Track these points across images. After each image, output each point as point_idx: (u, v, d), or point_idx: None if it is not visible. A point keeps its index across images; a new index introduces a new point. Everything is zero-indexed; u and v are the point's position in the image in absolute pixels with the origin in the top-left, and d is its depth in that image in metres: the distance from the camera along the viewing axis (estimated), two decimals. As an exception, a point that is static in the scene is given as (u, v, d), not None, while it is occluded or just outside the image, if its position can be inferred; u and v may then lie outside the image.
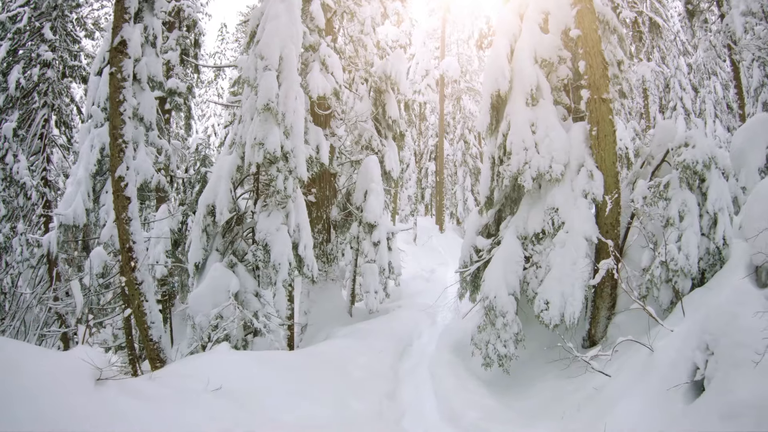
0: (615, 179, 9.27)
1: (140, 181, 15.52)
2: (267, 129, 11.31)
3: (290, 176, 11.31)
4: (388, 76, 15.96)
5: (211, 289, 11.07)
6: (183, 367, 7.19)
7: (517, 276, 9.20)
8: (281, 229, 11.26)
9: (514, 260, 9.21)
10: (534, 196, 9.76)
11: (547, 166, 9.24)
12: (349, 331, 11.54)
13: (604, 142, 9.27)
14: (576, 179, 9.23)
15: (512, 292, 9.16)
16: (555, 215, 9.14)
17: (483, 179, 10.26)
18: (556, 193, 9.25)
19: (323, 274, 14.93)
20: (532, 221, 9.45)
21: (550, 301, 8.83)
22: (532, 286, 9.37)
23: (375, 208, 13.75)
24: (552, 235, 9.17)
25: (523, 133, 9.43)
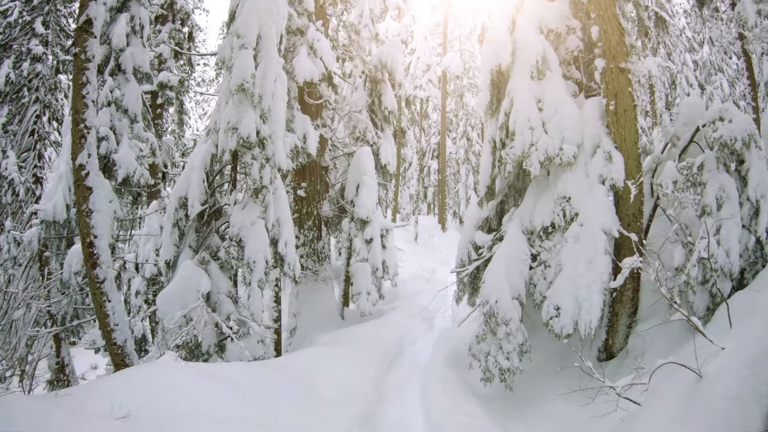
0: (637, 161, 7.47)
1: (122, 175, 13.91)
2: (241, 112, 9.66)
3: (267, 165, 9.64)
4: (384, 65, 14.23)
5: (180, 289, 9.41)
6: (102, 384, 5.57)
7: (522, 277, 7.42)
8: (257, 224, 9.58)
9: (518, 258, 7.43)
10: (542, 184, 7.99)
11: (557, 147, 7.47)
12: (333, 337, 9.82)
13: (624, 118, 7.47)
14: (591, 163, 7.45)
15: (517, 296, 7.38)
16: (567, 205, 7.37)
17: (483, 167, 8.49)
18: (568, 180, 7.48)
19: (314, 274, 13.23)
20: (539, 213, 7.67)
21: (562, 306, 7.05)
22: (539, 289, 7.60)
23: (367, 203, 12.04)
24: (563, 229, 7.40)
25: (528, 110, 7.67)
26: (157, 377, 5.90)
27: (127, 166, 14.06)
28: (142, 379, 5.81)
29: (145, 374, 6.01)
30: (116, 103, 14.48)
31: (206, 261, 9.91)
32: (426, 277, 18.03)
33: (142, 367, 6.46)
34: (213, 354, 9.63)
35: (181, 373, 6.05)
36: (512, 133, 7.69)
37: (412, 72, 22.42)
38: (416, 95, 22.50)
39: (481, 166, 8.58)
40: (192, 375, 6.02)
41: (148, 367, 6.44)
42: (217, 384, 5.93)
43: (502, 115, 8.09)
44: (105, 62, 14.75)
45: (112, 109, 14.52)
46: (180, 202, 10.14)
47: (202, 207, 10.03)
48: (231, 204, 9.86)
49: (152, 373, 6.04)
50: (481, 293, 7.48)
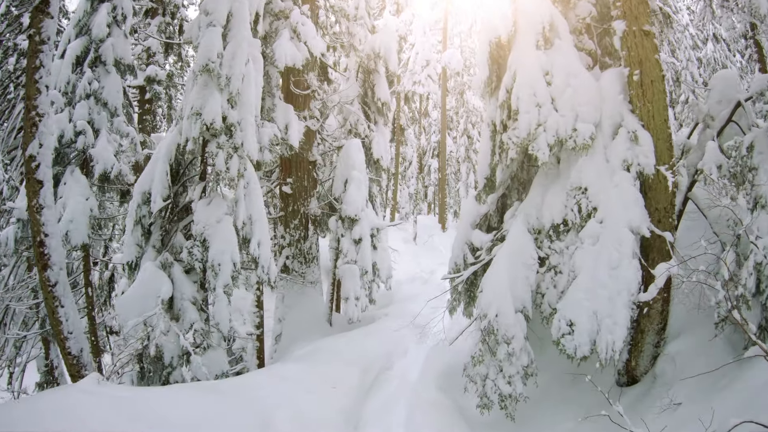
0: (668, 143, 5.81)
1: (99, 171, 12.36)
2: (206, 95, 8.11)
3: (235, 154, 8.07)
4: (377, 54, 12.62)
5: (139, 294, 7.91)
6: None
7: (527, 285, 5.78)
8: (224, 221, 8.02)
9: (523, 262, 5.79)
10: (551, 174, 6.35)
11: (570, 127, 5.85)
12: (312, 349, 8.22)
13: (651, 91, 5.82)
14: (612, 145, 5.81)
15: (521, 308, 5.74)
16: (583, 198, 5.74)
17: (481, 154, 6.86)
18: (584, 167, 5.84)
19: (300, 276, 11.64)
20: (548, 208, 6.03)
21: (576, 322, 5.42)
22: (548, 299, 5.97)
23: (356, 200, 10.45)
24: (578, 227, 5.77)
25: (535, 83, 6.04)
26: (63, 410, 4.36)
27: (104, 162, 12.47)
28: (46, 411, 4.28)
29: (52, 405, 4.46)
30: (95, 95, 12.94)
31: (169, 263, 8.36)
32: (424, 278, 16.39)
33: (50, 394, 4.92)
34: (177, 367, 8.11)
35: (96, 402, 4.50)
36: (515, 111, 6.06)
37: (411, 68, 20.86)
38: (415, 91, 20.92)
39: (479, 154, 6.95)
40: (108, 406, 4.46)
41: (57, 394, 4.90)
42: (140, 424, 4.38)
43: (502, 93, 6.46)
44: (84, 54, 13.19)
45: (91, 102, 12.99)
46: (143, 197, 8.61)
47: (165, 202, 8.48)
48: (195, 199, 8.30)
49: (59, 404, 4.49)
50: (479, 304, 5.85)
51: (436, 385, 6.64)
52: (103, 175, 12.43)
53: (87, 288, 12.46)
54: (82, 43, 12.87)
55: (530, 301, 5.79)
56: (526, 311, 5.76)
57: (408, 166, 25.93)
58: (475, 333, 6.04)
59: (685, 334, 5.97)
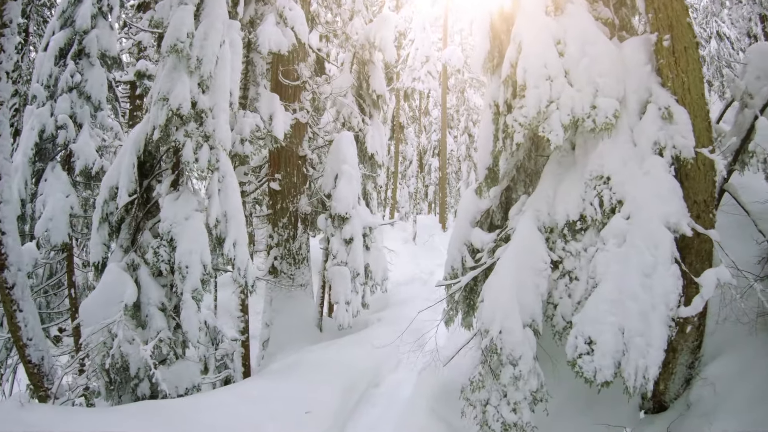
0: (706, 122, 4.61)
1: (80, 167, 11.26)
2: (174, 79, 7.02)
3: (205, 143, 6.95)
4: (372, 44, 11.47)
5: (102, 298, 6.97)
6: None
7: (538, 294, 4.59)
8: (193, 218, 6.92)
9: (533, 267, 4.60)
10: (565, 162, 5.17)
11: (588, 104, 4.68)
12: (292, 361, 7.06)
13: (684, 59, 4.63)
14: (640, 125, 4.63)
15: (530, 322, 4.56)
16: (605, 189, 4.56)
17: (481, 141, 5.69)
18: (606, 152, 4.67)
19: (289, 278, 10.50)
20: (562, 202, 4.85)
21: (597, 340, 4.25)
22: (562, 311, 4.80)
23: (347, 196, 9.31)
24: (599, 225, 4.60)
25: (545, 53, 4.87)
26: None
27: (86, 157, 11.37)
28: None
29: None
30: (78, 88, 11.83)
31: (135, 265, 7.27)
32: (423, 279, 15.24)
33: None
34: (144, 378, 7.04)
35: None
36: (522, 87, 4.89)
37: (410, 64, 19.71)
38: (415, 88, 19.78)
39: (479, 141, 5.78)
40: None
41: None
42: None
43: (506, 67, 5.28)
44: (68, 46, 12.08)
45: (73, 96, 11.89)
46: (110, 192, 7.52)
47: (131, 197, 7.39)
48: (163, 194, 7.18)
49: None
50: (479, 317, 4.66)
51: (429, 408, 5.49)
52: (85, 171, 11.31)
53: (70, 290, 11.40)
54: (66, 35, 11.80)
55: (541, 314, 4.61)
56: (536, 325, 4.58)
57: (408, 166, 24.76)
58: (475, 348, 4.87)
59: (726, 354, 4.79)
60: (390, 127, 21.93)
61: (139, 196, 7.52)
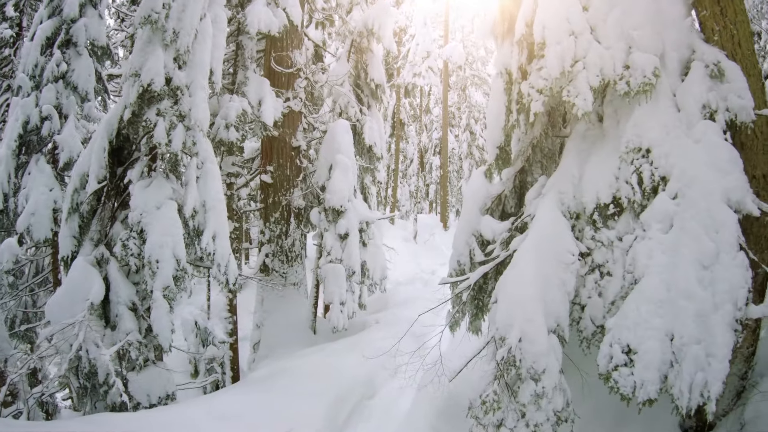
0: (760, 81, 3.68)
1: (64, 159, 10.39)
2: (147, 53, 6.13)
3: (180, 124, 6.06)
4: (370, 31, 10.55)
5: (68, 296, 6.27)
6: None
7: (564, 292, 3.64)
8: (166, 207, 6.04)
9: (558, 260, 3.64)
10: (591, 136, 4.24)
11: (621, 63, 3.76)
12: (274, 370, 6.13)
13: (732, 8, 3.69)
14: (683, 87, 3.71)
15: (554, 327, 3.62)
16: (644, 164, 3.63)
17: (491, 116, 4.76)
18: (644, 120, 3.75)
19: (281, 276, 9.58)
20: (591, 182, 3.92)
21: (639, 348, 3.32)
22: (591, 312, 3.87)
23: (342, 188, 8.40)
24: (638, 207, 3.67)
25: (566, 6, 3.97)
26: None
27: (70, 149, 10.50)
28: None
29: None
30: (64, 78, 10.97)
31: (104, 259, 6.41)
32: (425, 279, 14.29)
33: None
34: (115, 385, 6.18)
35: None
36: (540, 45, 3.97)
37: (411, 59, 18.85)
38: (415, 84, 18.92)
39: (488, 117, 4.86)
40: None
41: None
42: None
43: (520, 27, 4.36)
44: (55, 35, 11.22)
45: (59, 86, 11.03)
46: (81, 180, 6.66)
47: (100, 184, 6.52)
48: (134, 180, 6.29)
49: None
50: (492, 320, 3.73)
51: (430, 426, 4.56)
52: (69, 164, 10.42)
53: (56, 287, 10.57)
54: (53, 23, 10.94)
55: (567, 317, 3.67)
56: (562, 331, 3.65)
57: (409, 164, 23.83)
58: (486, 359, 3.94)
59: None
60: (390, 124, 21.03)
61: (108, 184, 6.63)
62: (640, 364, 3.43)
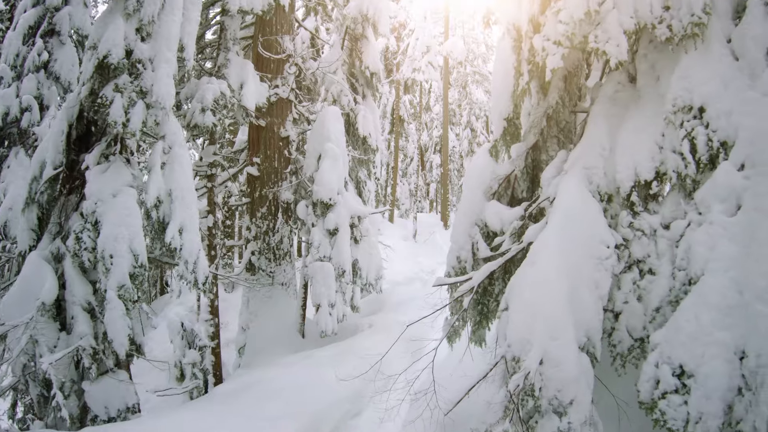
0: None
1: (45, 151, 9.54)
2: (107, 23, 5.27)
3: (140, 101, 5.16)
4: (365, 17, 9.66)
5: (21, 294, 5.46)
6: None
7: (598, 296, 2.70)
8: (123, 195, 5.18)
9: (590, 254, 2.70)
10: (622, 99, 3.31)
11: (659, 3, 2.86)
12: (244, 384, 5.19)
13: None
14: (740, 30, 2.79)
15: (584, 343, 2.70)
16: (698, 126, 2.72)
17: (496, 82, 3.84)
18: (693, 71, 2.82)
19: (268, 276, 8.67)
20: (626, 154, 2.99)
21: (697, 371, 2.42)
22: (628, 322, 2.94)
23: (331, 180, 7.49)
24: (690, 184, 2.77)
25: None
26: None
27: (48, 142, 9.60)
28: None
29: None
30: (46, 68, 10.12)
31: (60, 255, 5.54)
32: (424, 279, 13.34)
33: None
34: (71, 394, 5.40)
35: None
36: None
37: (410, 54, 17.95)
38: (415, 79, 18.03)
39: (493, 83, 3.94)
40: None
41: None
42: None
43: (534, -30, 3.47)
44: (38, 24, 10.38)
45: (41, 76, 10.18)
46: (40, 168, 5.81)
47: (55, 171, 5.66)
48: (91, 165, 5.40)
49: None
50: (502, 335, 2.77)
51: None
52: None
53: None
54: (37, 12, 10.09)
55: (600, 328, 2.74)
56: (593, 347, 2.71)
57: (409, 163, 22.90)
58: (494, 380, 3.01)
59: None
60: (390, 121, 20.12)
61: (65, 170, 5.75)
62: (698, 392, 2.51)
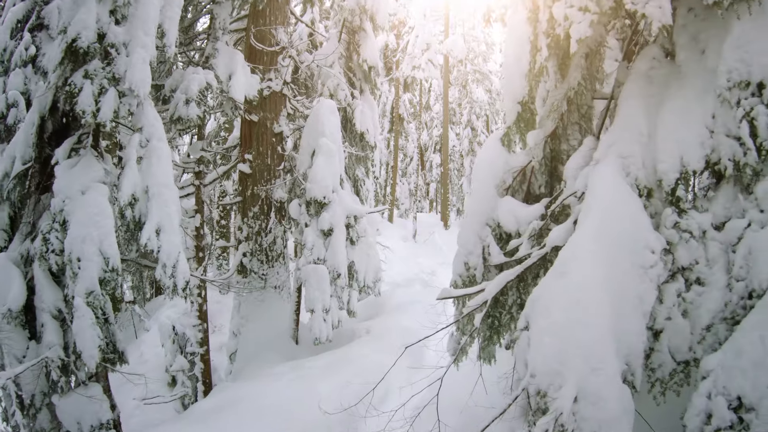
0: None
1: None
2: (79, 5, 4.74)
3: (112, 88, 4.62)
4: (363, 8, 9.16)
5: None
6: None
7: (641, 312, 2.18)
8: (93, 192, 4.64)
9: (633, 262, 2.18)
10: (660, 77, 2.79)
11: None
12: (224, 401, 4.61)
13: None
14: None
15: (624, 367, 2.16)
16: (757, 105, 2.19)
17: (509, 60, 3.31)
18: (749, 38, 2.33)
19: (261, 279, 8.13)
20: (667, 141, 2.47)
21: (759, 405, 1.90)
22: (671, 342, 2.42)
23: (325, 177, 6.95)
24: (749, 174, 2.25)
25: None
26: None
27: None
28: None
29: None
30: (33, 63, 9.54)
31: (30, 257, 5.02)
32: (424, 280, 12.80)
33: None
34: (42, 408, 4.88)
35: None
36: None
37: (410, 51, 17.42)
38: (415, 77, 17.51)
39: (505, 62, 3.41)
40: None
41: None
42: None
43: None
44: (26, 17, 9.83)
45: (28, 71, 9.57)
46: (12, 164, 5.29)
47: (25, 166, 5.16)
48: (60, 159, 4.87)
49: None
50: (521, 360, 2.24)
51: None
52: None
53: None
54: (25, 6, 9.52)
55: (642, 352, 2.20)
56: (632, 375, 2.17)
57: (409, 162, 22.37)
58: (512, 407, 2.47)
59: None
60: (389, 119, 19.60)
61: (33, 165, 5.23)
62: (760, 429, 1.98)
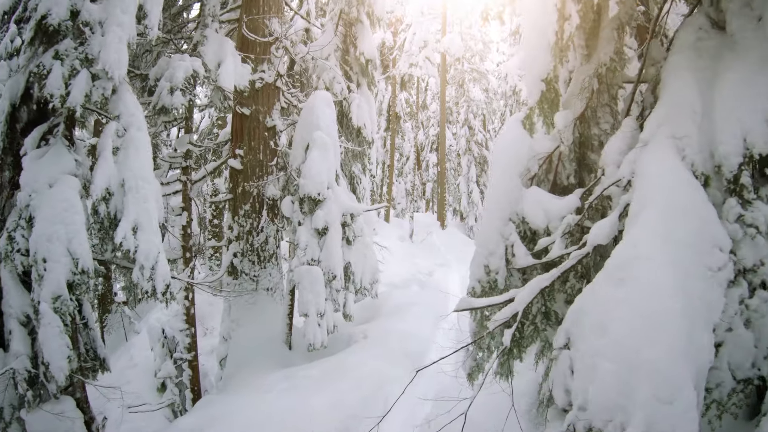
0: None
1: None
2: (52, -19, 4.15)
3: (85, 69, 4.12)
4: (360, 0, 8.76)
5: None
6: None
7: (710, 323, 1.79)
8: (61, 185, 4.17)
9: (700, 262, 1.78)
10: (709, 50, 2.39)
11: None
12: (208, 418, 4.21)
13: None
14: None
15: (692, 394, 1.78)
16: None
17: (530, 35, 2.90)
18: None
19: (252, 281, 7.67)
20: (727, 120, 2.08)
21: None
22: (730, 357, 2.01)
23: (319, 172, 6.51)
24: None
25: None
26: None
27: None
28: None
29: None
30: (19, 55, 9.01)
31: (-2, 258, 4.53)
32: (422, 281, 12.37)
33: None
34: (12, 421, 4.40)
35: None
36: None
37: (407, 49, 17.03)
38: (412, 74, 17.10)
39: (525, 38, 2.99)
40: None
41: None
42: None
43: None
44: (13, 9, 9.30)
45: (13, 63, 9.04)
46: (-20, 155, 4.79)
47: (-7, 157, 4.67)
48: (29, 149, 4.40)
49: None
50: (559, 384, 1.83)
51: None
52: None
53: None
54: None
55: (706, 371, 1.79)
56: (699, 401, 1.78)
57: (405, 162, 21.97)
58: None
59: None
60: (386, 118, 19.19)
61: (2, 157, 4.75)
62: None
